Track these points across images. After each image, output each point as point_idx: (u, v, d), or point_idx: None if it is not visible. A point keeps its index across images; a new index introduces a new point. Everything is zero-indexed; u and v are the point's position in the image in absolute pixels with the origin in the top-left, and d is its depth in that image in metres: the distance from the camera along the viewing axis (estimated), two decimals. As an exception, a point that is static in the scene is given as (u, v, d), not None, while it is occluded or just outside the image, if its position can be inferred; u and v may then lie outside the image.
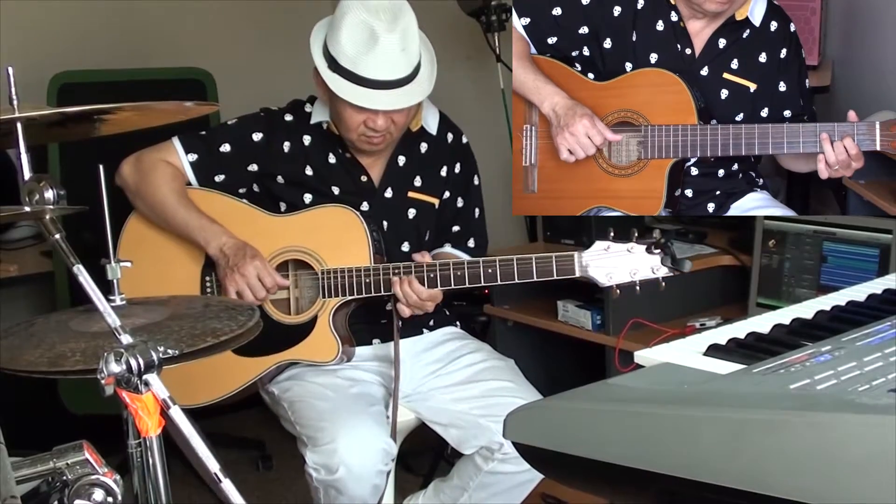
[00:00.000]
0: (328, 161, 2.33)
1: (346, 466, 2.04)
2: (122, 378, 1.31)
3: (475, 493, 2.24)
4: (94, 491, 1.33)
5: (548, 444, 1.01)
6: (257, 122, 2.35)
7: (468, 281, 2.15)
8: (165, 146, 2.31)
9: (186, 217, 2.25)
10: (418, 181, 2.37)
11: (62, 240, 1.48)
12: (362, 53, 2.11)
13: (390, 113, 2.18)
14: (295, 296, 2.26)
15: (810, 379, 0.95)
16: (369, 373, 2.34)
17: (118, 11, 3.57)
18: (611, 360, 2.50)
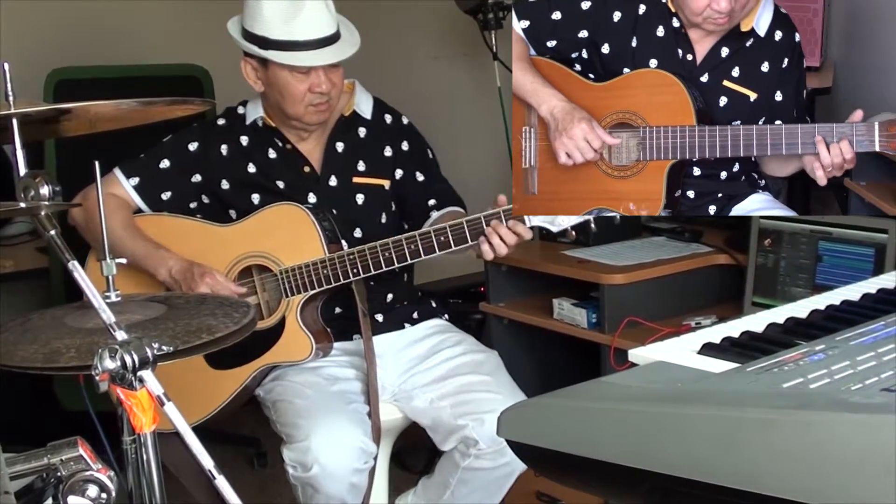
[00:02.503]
0: (269, 156, 2.35)
1: (320, 464, 2.06)
2: (116, 374, 1.31)
3: (457, 489, 2.25)
4: (88, 487, 1.33)
5: (542, 441, 1.01)
6: (191, 134, 2.38)
7: (423, 252, 2.15)
8: (108, 179, 2.32)
9: (133, 247, 2.26)
10: (362, 166, 2.37)
11: (57, 236, 1.48)
12: (291, 18, 2.18)
13: (330, 73, 2.23)
14: (265, 300, 2.28)
15: (804, 378, 0.95)
16: (351, 369, 2.34)
17: (115, 8, 3.57)
18: (606, 359, 2.50)
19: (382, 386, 2.29)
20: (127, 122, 1.74)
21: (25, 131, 1.53)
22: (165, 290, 2.29)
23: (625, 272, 2.46)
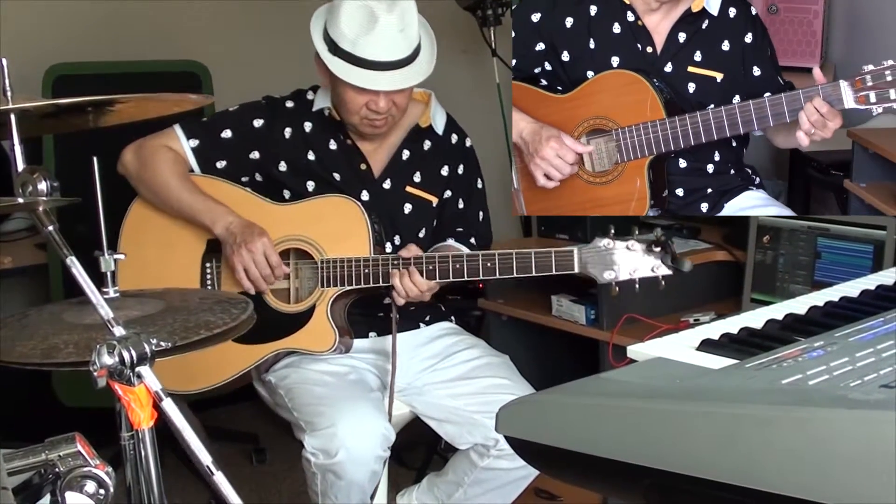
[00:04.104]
0: (329, 147, 2.33)
1: (346, 450, 2.04)
2: (114, 370, 1.31)
3: (470, 488, 2.24)
4: (85, 483, 1.33)
5: (540, 438, 1.01)
6: (258, 109, 2.35)
7: (467, 274, 2.14)
8: (167, 133, 2.31)
9: (190, 200, 2.25)
10: (418, 177, 2.36)
11: (55, 231, 1.48)
12: (361, 35, 2.12)
13: (391, 94, 2.18)
14: (295, 285, 2.26)
15: (802, 374, 0.95)
16: (366, 364, 2.34)
17: (113, 4, 3.56)
18: (605, 355, 2.50)
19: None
20: (125, 117, 1.73)
21: (24, 127, 1.53)
22: (206, 250, 2.28)
23: (623, 269, 2.45)
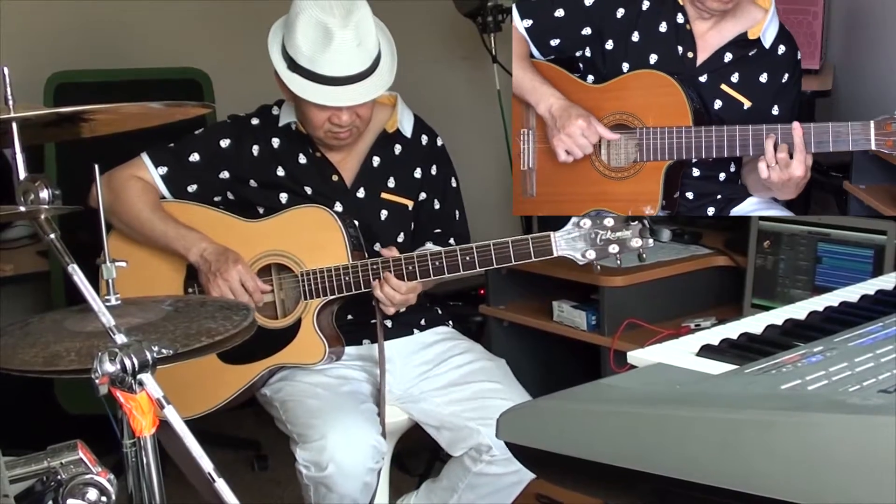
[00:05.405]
0: (299, 161, 2.34)
1: (336, 463, 2.05)
2: (116, 377, 1.31)
3: (464, 494, 2.24)
4: (87, 490, 1.33)
5: (541, 444, 1.02)
6: (224, 129, 2.36)
7: (447, 270, 2.15)
8: (135, 162, 2.32)
9: (163, 228, 2.26)
10: (392, 182, 2.37)
11: (57, 239, 1.48)
12: (318, 52, 2.12)
13: (353, 107, 2.19)
14: (280, 298, 2.27)
15: (801, 379, 0.95)
16: (360, 371, 2.34)
17: (115, 12, 3.57)
18: (606, 361, 2.50)
19: (390, 389, 2.29)
20: (127, 125, 1.74)
21: (25, 135, 1.53)
22: (186, 275, 2.29)
23: (624, 274, 2.46)
